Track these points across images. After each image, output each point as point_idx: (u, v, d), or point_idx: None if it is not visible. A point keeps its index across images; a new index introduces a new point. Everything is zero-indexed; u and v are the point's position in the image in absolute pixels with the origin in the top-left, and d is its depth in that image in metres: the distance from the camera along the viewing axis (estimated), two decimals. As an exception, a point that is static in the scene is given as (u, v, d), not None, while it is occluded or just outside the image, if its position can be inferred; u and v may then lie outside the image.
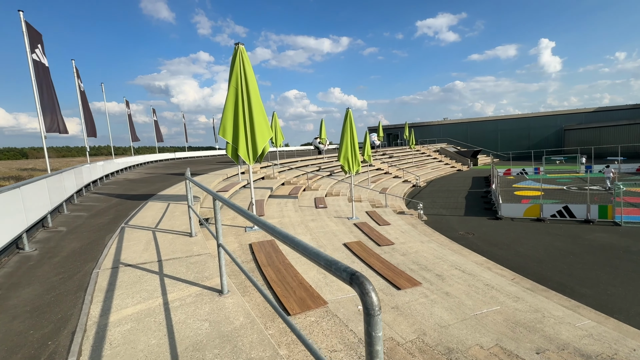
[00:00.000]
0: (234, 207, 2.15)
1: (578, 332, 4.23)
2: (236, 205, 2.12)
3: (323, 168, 21.65)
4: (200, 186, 2.94)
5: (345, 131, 9.82)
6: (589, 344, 3.90)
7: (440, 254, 7.83)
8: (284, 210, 8.97)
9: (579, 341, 3.96)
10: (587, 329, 4.47)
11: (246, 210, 1.99)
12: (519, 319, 4.34)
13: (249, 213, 1.96)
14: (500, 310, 4.40)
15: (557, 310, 5.28)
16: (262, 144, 5.57)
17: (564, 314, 5.19)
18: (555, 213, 13.11)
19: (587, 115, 40.57)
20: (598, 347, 3.85)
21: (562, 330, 4.26)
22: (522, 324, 4.19)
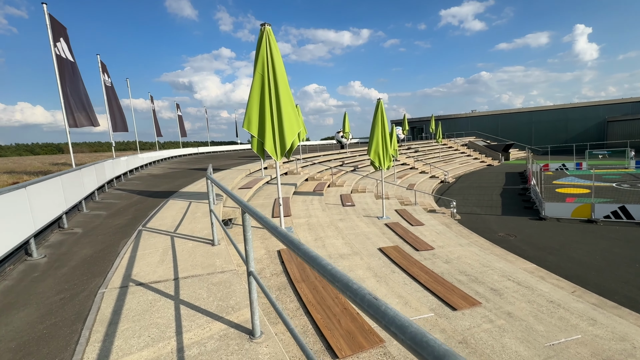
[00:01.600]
0: (265, 222, 1.56)
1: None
2: (268, 220, 1.52)
3: (346, 163, 20.93)
4: (226, 191, 2.38)
5: (376, 124, 9.06)
6: None
7: (484, 260, 6.99)
8: (310, 209, 8.39)
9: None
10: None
11: (278, 228, 1.40)
12: (607, 352, 3.52)
13: (282, 232, 1.37)
14: (582, 340, 3.60)
15: (638, 335, 4.38)
16: (290, 138, 4.97)
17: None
18: (609, 214, 11.75)
19: (634, 105, 37.13)
20: None
21: (665, 369, 3.40)
22: (596, 352, 3.39)
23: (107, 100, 14.14)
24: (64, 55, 8.29)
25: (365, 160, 23.00)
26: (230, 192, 2.37)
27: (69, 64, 8.59)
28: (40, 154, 70.60)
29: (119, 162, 11.48)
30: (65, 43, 8.50)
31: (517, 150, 38.55)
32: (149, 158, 18.27)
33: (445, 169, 25.98)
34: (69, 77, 8.65)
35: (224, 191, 2.51)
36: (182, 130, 29.19)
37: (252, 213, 1.79)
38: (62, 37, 8.48)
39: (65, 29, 8.78)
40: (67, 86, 8.71)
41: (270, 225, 1.57)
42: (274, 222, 1.54)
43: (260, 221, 1.72)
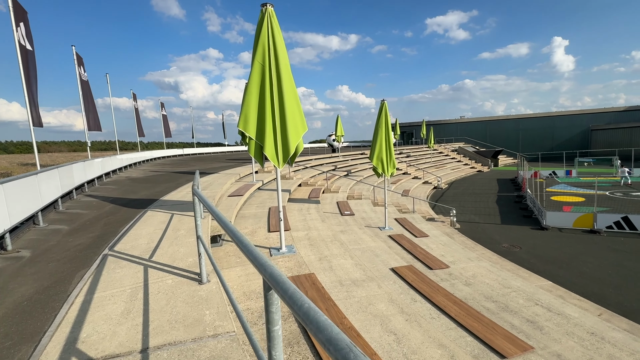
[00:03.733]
0: (254, 258, 0.86)
1: None
2: (258, 256, 0.77)
3: (339, 167, 20.22)
4: (217, 218, 1.57)
5: (379, 127, 8.37)
6: None
7: (501, 278, 6.36)
8: (308, 220, 7.58)
9: None
10: None
11: (267, 265, 0.71)
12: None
13: (273, 271, 0.67)
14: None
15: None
16: (295, 142, 4.18)
17: None
18: (612, 224, 11.46)
19: (615, 115, 38.20)
20: None
21: None
22: None
23: (82, 96, 12.94)
24: (22, 42, 7.21)
25: (359, 165, 22.38)
26: (222, 218, 1.59)
27: (30, 54, 7.52)
28: (15, 152, 67.04)
29: (93, 164, 10.34)
30: (25, 29, 7.42)
31: (506, 156, 38.92)
32: (129, 159, 17.00)
33: (437, 175, 25.68)
34: (32, 69, 7.58)
35: (214, 216, 1.70)
36: (166, 131, 27.84)
37: (247, 252, 1.06)
38: (23, 22, 7.41)
39: (26, 13, 7.69)
40: (31, 79, 7.64)
41: (260, 262, 0.91)
42: (263, 258, 0.88)
43: (250, 257, 1.05)
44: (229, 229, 1.46)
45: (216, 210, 1.75)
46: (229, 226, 1.48)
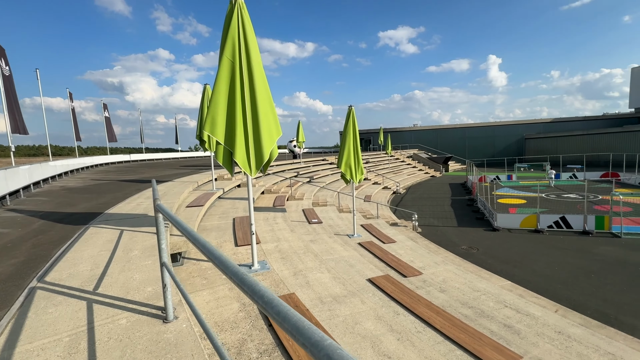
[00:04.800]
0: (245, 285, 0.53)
1: None
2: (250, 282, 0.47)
3: (302, 174, 19.94)
4: (192, 239, 1.19)
5: (347, 133, 8.26)
6: None
7: (468, 281, 6.52)
8: (275, 230, 7.15)
9: None
10: None
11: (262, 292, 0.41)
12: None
13: None
14: (632, 392, 3.06)
15: (652, 366, 4.11)
16: (269, 147, 3.80)
17: (665, 371, 4.03)
18: (552, 224, 12.62)
19: (545, 125, 43.16)
20: None
21: None
22: None
23: (4, 94, 11.12)
24: None
25: (321, 171, 22.30)
26: (199, 239, 1.20)
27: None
28: None
29: (17, 172, 8.81)
30: None
31: (455, 162, 41.75)
32: (65, 166, 14.98)
33: (396, 180, 26.59)
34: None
35: (189, 238, 1.30)
36: (110, 134, 25.30)
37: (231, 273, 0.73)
38: None
39: None
40: None
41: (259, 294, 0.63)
42: (257, 284, 0.63)
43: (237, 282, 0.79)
44: (213, 255, 1.09)
45: (192, 232, 1.35)
46: (215, 253, 1.10)
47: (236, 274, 0.96)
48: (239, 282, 0.93)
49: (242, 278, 0.94)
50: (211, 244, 1.11)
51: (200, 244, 1.16)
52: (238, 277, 0.95)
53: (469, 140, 45.62)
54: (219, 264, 1.05)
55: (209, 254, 1.10)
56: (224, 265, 1.03)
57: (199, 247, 1.15)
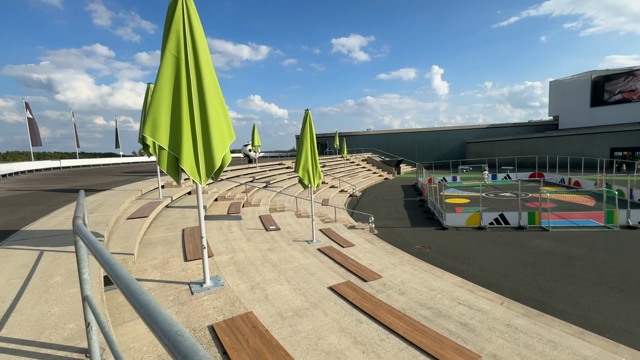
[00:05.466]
0: None
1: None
2: None
3: (258, 179, 19.37)
4: (106, 264, 0.93)
5: (304, 138, 8.12)
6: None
7: (424, 281, 6.74)
8: (231, 240, 6.73)
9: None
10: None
11: None
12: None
13: None
14: (574, 378, 3.30)
15: (584, 349, 4.54)
16: (220, 152, 3.47)
17: (594, 352, 4.47)
18: (493, 221, 13.75)
19: (482, 131, 47.50)
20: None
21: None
22: None
23: None
24: None
25: (277, 175, 21.91)
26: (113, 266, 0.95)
27: None
28: None
29: None
30: None
31: (406, 165, 43.99)
32: (-27, 175, 12.71)
33: (352, 183, 27.14)
34: None
35: (102, 262, 1.02)
36: (33, 138, 22.23)
37: None
38: None
39: None
40: None
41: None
42: None
43: None
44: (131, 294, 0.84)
45: (106, 255, 1.07)
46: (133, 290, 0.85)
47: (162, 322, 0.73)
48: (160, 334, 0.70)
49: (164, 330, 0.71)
50: (141, 288, 0.86)
51: (107, 265, 0.89)
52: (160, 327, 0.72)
53: (418, 144, 48.48)
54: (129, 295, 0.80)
55: (136, 304, 0.84)
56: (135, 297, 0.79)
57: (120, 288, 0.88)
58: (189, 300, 3.47)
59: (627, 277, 8.19)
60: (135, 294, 0.81)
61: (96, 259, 1.12)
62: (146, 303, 0.77)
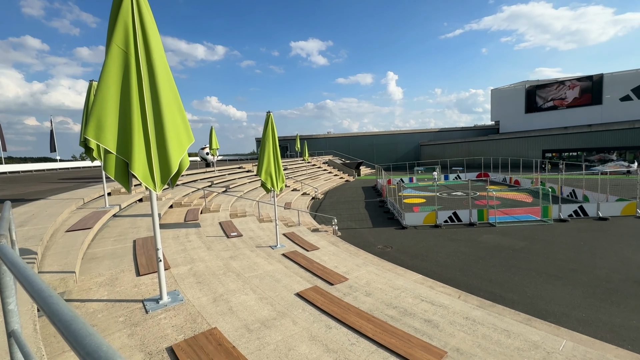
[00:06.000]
0: None
1: (594, 369, 3.76)
2: None
3: (216, 183, 18.59)
4: None
5: (266, 140, 7.92)
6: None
7: (388, 280, 6.90)
8: (189, 249, 6.31)
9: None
10: (585, 356, 4.13)
11: None
12: (546, 369, 3.57)
13: None
14: (528, 364, 3.55)
15: (532, 334, 4.93)
16: (178, 155, 3.20)
17: (540, 337, 4.87)
18: (447, 219, 14.60)
19: (434, 134, 50.57)
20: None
21: (581, 371, 3.70)
22: None
23: None
24: None
25: (237, 179, 21.22)
26: None
27: None
28: None
29: None
30: None
31: (365, 167, 45.24)
32: None
33: (314, 186, 27.21)
34: None
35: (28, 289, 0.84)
36: (-55, 140, 19.12)
37: None
38: None
39: None
40: None
41: None
42: None
43: None
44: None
45: (38, 284, 0.87)
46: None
47: None
48: None
49: None
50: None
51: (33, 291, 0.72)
52: None
53: (377, 147, 50.21)
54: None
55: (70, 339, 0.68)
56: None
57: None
58: (143, 320, 3.13)
59: (562, 265, 9.15)
60: (77, 336, 0.64)
61: (24, 289, 0.91)
62: (93, 346, 0.61)
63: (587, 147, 35.92)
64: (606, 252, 9.99)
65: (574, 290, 7.64)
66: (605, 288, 7.64)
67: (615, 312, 6.60)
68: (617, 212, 14.34)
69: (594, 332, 5.98)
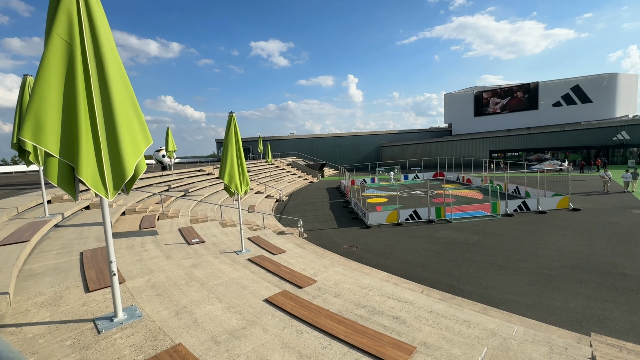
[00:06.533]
0: None
1: (542, 349, 4.12)
2: None
3: (174, 187, 17.60)
4: None
5: (229, 142, 7.65)
6: None
7: (355, 280, 7.00)
8: (146, 259, 5.87)
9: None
10: (535, 338, 4.51)
11: None
12: (503, 353, 3.84)
13: None
14: (489, 354, 3.78)
15: (489, 323, 5.27)
16: (133, 159, 2.92)
17: (496, 324, 5.23)
18: (408, 217, 15.22)
19: (394, 136, 52.64)
20: None
21: (532, 354, 4.03)
22: None
23: None
24: None
25: (197, 183, 20.29)
26: None
27: None
28: None
29: None
30: None
31: (329, 168, 45.73)
32: None
33: (278, 188, 26.89)
34: None
35: None
36: None
37: None
38: None
39: None
40: None
41: None
42: None
43: None
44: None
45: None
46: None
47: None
48: None
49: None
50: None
51: None
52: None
53: (339, 148, 51.03)
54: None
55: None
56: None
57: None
58: (95, 341, 2.81)
59: (510, 256, 9.97)
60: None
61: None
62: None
63: (527, 148, 39.73)
64: (546, 242, 11.07)
65: (521, 278, 8.35)
66: (546, 275, 8.45)
67: (556, 296, 7.33)
68: (553, 206, 15.99)
69: (540, 316, 6.56)
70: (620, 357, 4.64)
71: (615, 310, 6.63)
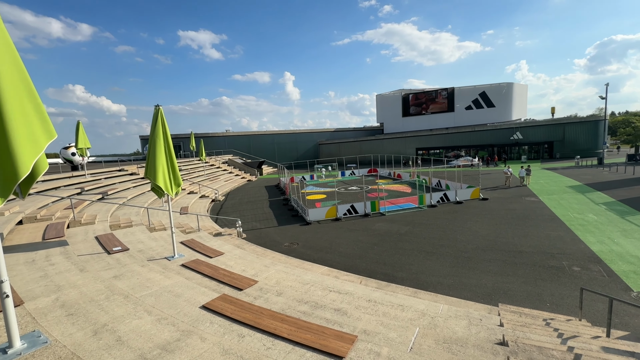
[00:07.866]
0: None
1: (462, 323, 4.67)
2: None
3: (88, 190, 15.40)
4: None
5: (156, 138, 6.96)
6: (495, 333, 4.36)
7: (297, 277, 7.04)
8: (52, 275, 5.03)
9: (488, 335, 4.34)
10: (456, 314, 5.09)
11: None
12: (432, 330, 4.24)
13: None
14: (421, 333, 4.12)
15: (419, 304, 5.78)
16: (30, 156, 2.41)
17: (425, 305, 5.75)
18: (346, 212, 15.82)
19: (331, 134, 54.14)
20: (496, 332, 4.37)
21: (455, 328, 4.54)
22: (436, 337, 4.10)
23: None
24: None
25: (118, 184, 18.06)
26: None
27: None
28: None
29: None
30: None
31: (267, 166, 44.98)
32: None
33: (213, 187, 25.49)
34: None
35: None
36: None
37: None
38: None
39: None
40: None
41: None
42: None
43: None
44: None
45: None
46: None
47: None
48: None
49: None
50: None
51: None
52: None
53: (278, 145, 50.55)
54: None
55: None
56: None
57: None
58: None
59: (435, 243, 11.08)
60: None
61: None
62: None
63: (446, 146, 44.65)
64: (462, 228, 12.59)
65: (444, 262, 9.35)
66: (464, 257, 9.60)
67: (471, 275, 8.38)
68: (467, 197, 18.25)
69: (460, 293, 7.41)
70: (520, 322, 5.52)
71: (515, 282, 7.87)
